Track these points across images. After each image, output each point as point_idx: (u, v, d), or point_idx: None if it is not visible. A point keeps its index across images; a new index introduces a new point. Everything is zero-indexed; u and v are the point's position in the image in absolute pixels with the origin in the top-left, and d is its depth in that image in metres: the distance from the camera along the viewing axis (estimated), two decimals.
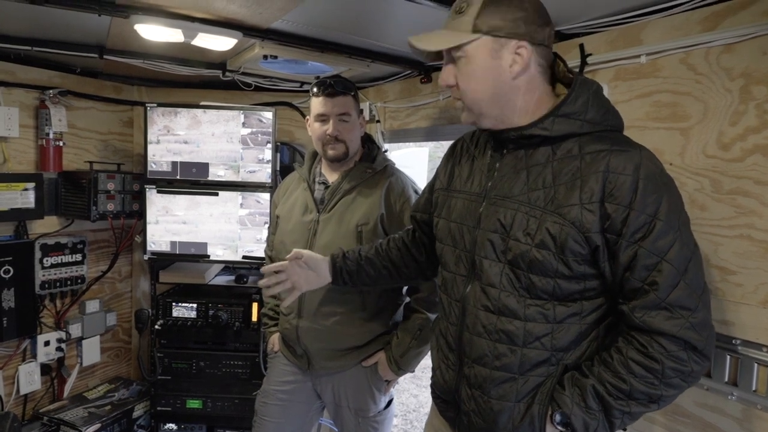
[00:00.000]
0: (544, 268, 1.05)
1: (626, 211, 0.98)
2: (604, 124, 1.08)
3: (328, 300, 1.78)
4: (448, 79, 1.13)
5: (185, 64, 2.33)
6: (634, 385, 1.00)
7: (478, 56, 1.08)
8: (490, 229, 1.12)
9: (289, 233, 1.88)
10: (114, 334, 2.91)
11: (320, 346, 1.81)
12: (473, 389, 1.15)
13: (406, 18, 1.68)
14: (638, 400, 1.01)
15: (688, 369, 0.99)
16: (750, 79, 1.21)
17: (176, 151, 2.48)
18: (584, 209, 1.01)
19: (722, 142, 1.26)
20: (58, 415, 2.43)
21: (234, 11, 1.65)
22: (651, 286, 0.98)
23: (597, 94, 1.09)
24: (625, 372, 1.00)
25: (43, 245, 2.42)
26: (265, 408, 1.94)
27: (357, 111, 1.86)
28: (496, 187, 1.15)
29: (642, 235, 0.98)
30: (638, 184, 0.98)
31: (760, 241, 1.20)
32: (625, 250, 0.99)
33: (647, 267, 0.98)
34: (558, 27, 1.60)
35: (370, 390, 1.84)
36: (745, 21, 1.21)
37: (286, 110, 2.85)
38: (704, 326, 0.99)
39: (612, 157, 1.01)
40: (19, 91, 2.33)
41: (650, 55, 1.41)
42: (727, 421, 1.26)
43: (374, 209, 1.78)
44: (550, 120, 1.07)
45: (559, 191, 1.04)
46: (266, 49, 1.94)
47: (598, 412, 1.03)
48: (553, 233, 1.03)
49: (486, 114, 1.13)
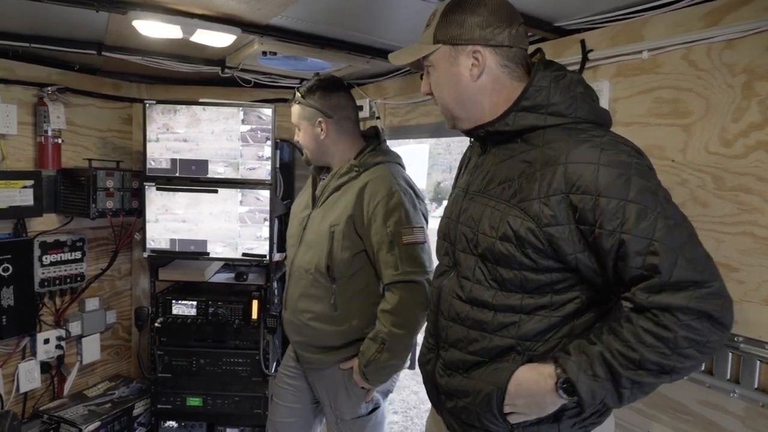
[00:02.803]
0: (508, 261, 1.05)
1: (594, 199, 0.96)
2: (571, 117, 1.06)
3: (304, 296, 1.81)
4: (424, 88, 1.22)
5: (184, 60, 2.32)
6: (645, 355, 0.94)
7: (440, 65, 1.15)
8: (465, 224, 1.16)
9: (291, 226, 1.95)
10: (114, 331, 2.90)
11: (299, 339, 1.86)
12: (447, 370, 1.18)
13: (405, 14, 1.67)
14: (649, 370, 0.96)
15: (703, 339, 0.93)
16: (753, 75, 1.20)
17: (175, 149, 2.47)
18: (542, 203, 1.01)
19: (724, 139, 1.26)
20: (58, 413, 2.43)
21: (233, 7, 1.64)
22: (651, 271, 0.94)
23: (562, 86, 1.07)
24: (635, 341, 0.95)
25: (42, 243, 2.41)
26: (277, 390, 2.02)
27: (308, 118, 1.82)
28: (475, 182, 1.18)
29: (620, 221, 0.95)
30: (599, 170, 0.96)
31: (763, 238, 1.19)
32: (607, 239, 0.96)
33: (639, 252, 0.94)
34: (558, 23, 1.59)
35: (346, 392, 1.81)
36: (747, 16, 1.20)
37: (286, 107, 2.83)
38: (718, 295, 0.94)
39: (571, 149, 1.00)
40: (17, 89, 2.32)
41: (652, 51, 1.40)
42: (730, 419, 1.25)
43: (346, 210, 1.73)
44: (512, 115, 1.09)
45: (522, 185, 1.05)
46: (265, 45, 1.93)
47: (606, 381, 0.97)
48: (513, 227, 1.04)
49: (458, 116, 1.18)
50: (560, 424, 1.08)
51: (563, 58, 1.59)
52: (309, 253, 1.79)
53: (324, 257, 1.74)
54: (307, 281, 1.79)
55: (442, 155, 10.26)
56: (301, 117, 1.84)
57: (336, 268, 1.73)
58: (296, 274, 1.83)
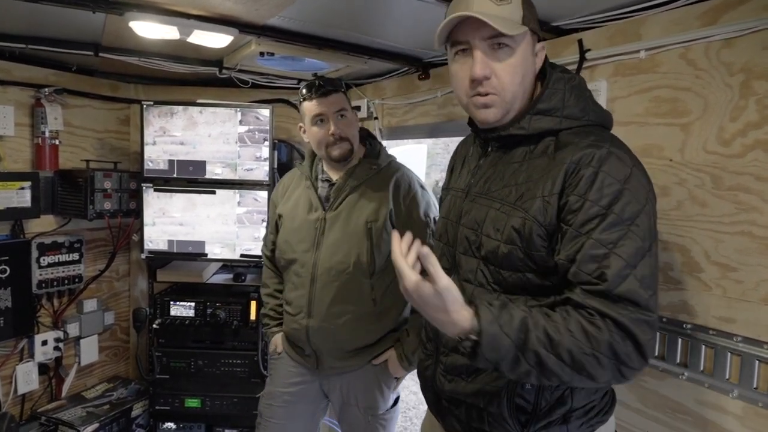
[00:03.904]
0: (512, 263, 1.04)
1: (580, 201, 0.96)
2: (584, 119, 1.06)
3: (339, 298, 1.76)
4: (483, 70, 1.04)
5: (181, 61, 2.32)
6: (564, 340, 0.91)
7: (522, 49, 1.05)
8: (467, 226, 1.13)
9: (294, 232, 1.86)
10: (112, 333, 2.90)
11: (331, 346, 1.80)
12: (449, 375, 1.17)
13: (403, 14, 1.67)
14: (559, 356, 0.91)
15: (624, 357, 0.91)
16: (750, 74, 1.20)
17: (172, 152, 2.47)
18: (545, 201, 1.00)
19: (723, 138, 1.25)
20: (56, 415, 2.42)
21: (230, 8, 1.64)
22: (599, 278, 0.93)
23: (575, 89, 1.08)
24: (563, 325, 0.92)
25: (39, 244, 2.41)
26: (270, 410, 1.92)
27: (351, 108, 1.86)
28: (477, 184, 1.16)
29: (592, 227, 0.94)
30: (597, 176, 0.96)
31: (761, 238, 1.19)
32: (573, 240, 0.96)
33: (595, 258, 0.93)
34: (556, 22, 1.59)
35: (380, 388, 1.84)
36: (745, 15, 1.20)
37: (284, 107, 2.83)
38: (651, 327, 0.93)
39: (578, 151, 0.99)
40: (14, 90, 2.32)
41: (649, 51, 1.40)
42: (728, 419, 1.25)
43: (383, 206, 1.78)
44: (527, 118, 1.07)
45: (529, 188, 1.04)
46: (263, 46, 1.92)
47: (512, 345, 0.91)
48: (517, 228, 1.02)
49: (511, 109, 1.09)
50: (569, 425, 1.08)
51: (561, 58, 1.59)
52: (340, 253, 1.77)
53: (365, 253, 1.75)
54: (341, 282, 1.76)
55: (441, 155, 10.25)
56: (348, 104, 1.84)
57: (378, 261, 1.77)
58: (324, 278, 1.77)
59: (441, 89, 2.14)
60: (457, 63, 1.09)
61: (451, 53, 1.11)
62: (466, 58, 1.07)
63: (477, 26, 1.01)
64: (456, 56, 1.09)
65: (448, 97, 2.12)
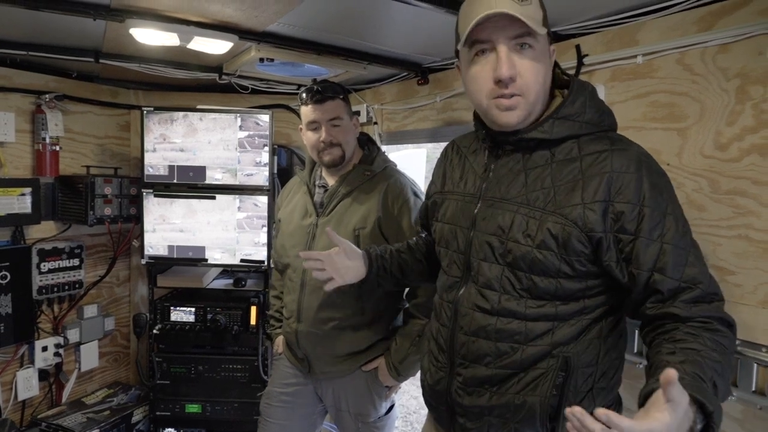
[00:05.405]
0: (546, 268, 1.03)
1: (637, 209, 0.98)
2: (601, 125, 1.08)
3: (327, 305, 1.76)
4: (510, 70, 1.01)
5: (181, 67, 2.33)
6: (725, 369, 0.89)
7: (542, 50, 1.04)
8: (488, 232, 1.10)
9: (289, 236, 1.88)
10: (112, 338, 2.90)
11: (319, 351, 1.80)
12: (468, 388, 1.13)
13: (402, 20, 1.67)
14: (728, 379, 0.91)
15: (734, 342, 0.97)
16: (746, 79, 1.21)
17: (172, 159, 2.47)
18: (587, 209, 1.00)
19: (719, 143, 1.26)
20: (56, 421, 2.42)
21: (229, 15, 1.65)
22: (690, 282, 0.96)
23: (593, 96, 1.10)
24: (717, 349, 0.89)
25: (40, 250, 2.41)
26: (269, 409, 1.94)
27: (349, 113, 1.84)
28: (492, 188, 1.13)
29: (660, 232, 0.97)
30: (644, 181, 0.99)
31: (759, 241, 1.20)
32: (647, 249, 0.97)
33: (678, 263, 0.96)
34: (554, 28, 1.60)
35: (370, 395, 1.83)
36: (740, 21, 1.21)
37: (283, 113, 2.85)
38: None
39: (614, 157, 1.01)
40: (15, 96, 2.33)
41: (646, 56, 1.41)
42: (727, 422, 1.25)
43: (372, 213, 1.76)
44: (550, 122, 1.06)
45: (560, 192, 1.03)
46: (262, 52, 1.93)
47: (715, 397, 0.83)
48: (554, 233, 1.01)
49: (533, 111, 1.07)
50: None
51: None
52: None
53: None
54: None
55: None
56: (345, 111, 1.82)
57: None
58: (313, 283, 1.75)
59: (440, 94, 2.15)
60: (477, 64, 1.05)
61: (469, 55, 1.07)
62: (487, 59, 1.04)
63: (502, 25, 0.99)
64: (475, 57, 1.05)
65: (447, 102, 2.13)
